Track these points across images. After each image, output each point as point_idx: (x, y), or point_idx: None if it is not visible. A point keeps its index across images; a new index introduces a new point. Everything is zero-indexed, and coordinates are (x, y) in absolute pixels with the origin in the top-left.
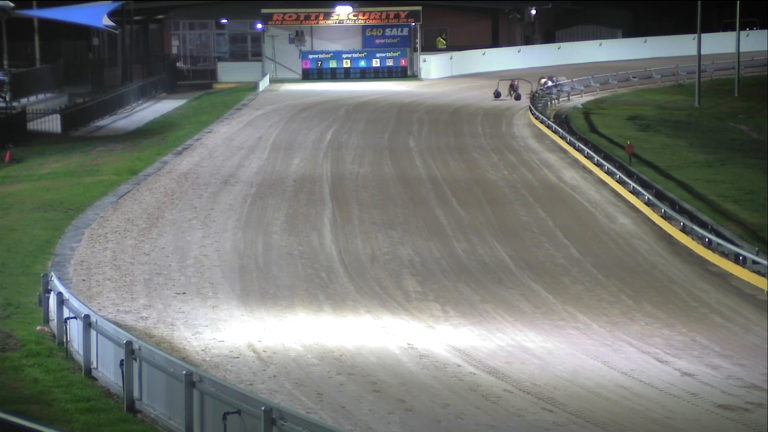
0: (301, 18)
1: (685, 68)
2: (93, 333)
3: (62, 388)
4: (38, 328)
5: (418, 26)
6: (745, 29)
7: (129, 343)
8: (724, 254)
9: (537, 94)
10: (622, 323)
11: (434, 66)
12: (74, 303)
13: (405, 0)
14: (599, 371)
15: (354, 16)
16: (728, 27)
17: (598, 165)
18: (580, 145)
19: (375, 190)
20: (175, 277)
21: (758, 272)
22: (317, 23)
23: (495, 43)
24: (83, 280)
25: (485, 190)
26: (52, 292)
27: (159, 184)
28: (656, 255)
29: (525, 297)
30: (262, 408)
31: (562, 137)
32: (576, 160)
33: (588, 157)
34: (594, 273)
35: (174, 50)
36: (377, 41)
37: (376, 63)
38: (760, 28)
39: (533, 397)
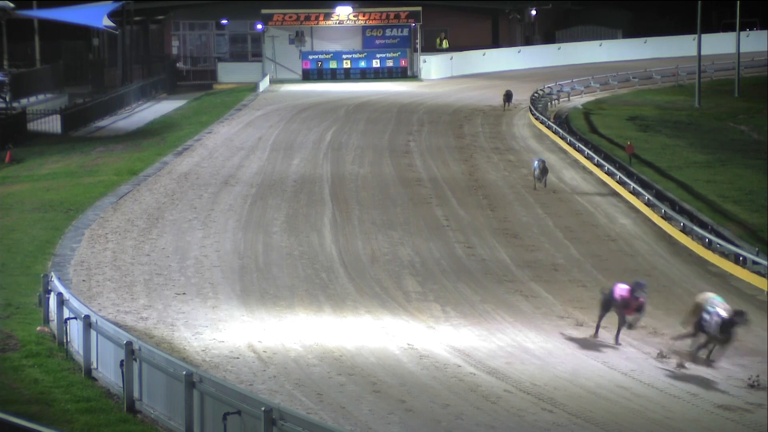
0: (301, 18)
1: (685, 69)
2: (93, 333)
3: (62, 389)
4: (38, 328)
5: (418, 27)
6: (745, 29)
7: (129, 344)
8: (724, 254)
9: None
10: None
11: (434, 66)
12: (74, 303)
13: (405, 0)
14: (599, 371)
15: (354, 16)
16: (728, 27)
17: (599, 165)
18: (581, 145)
19: (375, 190)
20: (175, 277)
21: (758, 272)
22: (317, 24)
23: (495, 43)
24: (83, 280)
25: (485, 190)
26: (52, 293)
27: (159, 184)
28: (656, 255)
29: (525, 297)
30: (262, 408)
31: (563, 138)
32: (576, 161)
33: (588, 157)
34: (594, 273)
35: (174, 51)
36: (377, 42)
37: (376, 63)
38: (760, 29)
39: (533, 398)
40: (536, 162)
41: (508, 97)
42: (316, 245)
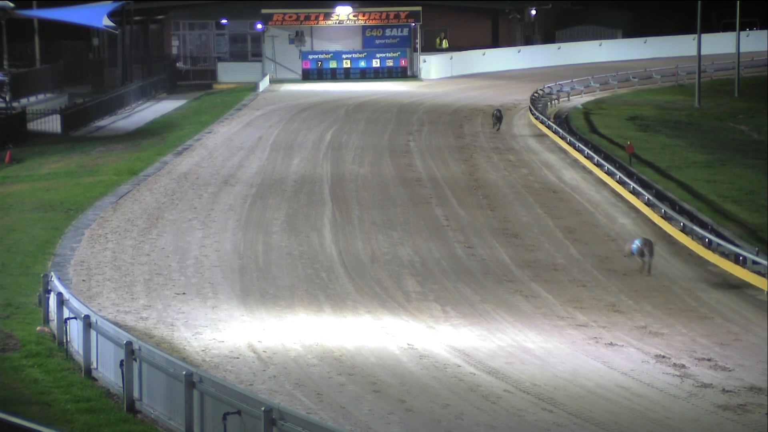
0: (301, 18)
1: (685, 68)
2: (93, 333)
3: (62, 389)
4: (38, 328)
5: (418, 26)
6: (745, 29)
7: (129, 344)
8: (724, 254)
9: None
10: (622, 323)
11: (434, 66)
12: (74, 303)
13: (405, 0)
14: (599, 371)
15: (354, 16)
16: (728, 27)
17: (598, 165)
18: (580, 145)
19: (375, 190)
20: (175, 277)
21: (758, 272)
22: (317, 23)
23: (495, 43)
24: (83, 280)
25: (485, 190)
26: (52, 293)
27: (159, 184)
28: (656, 255)
29: (525, 297)
30: (262, 408)
31: (562, 137)
32: (576, 161)
33: (588, 157)
34: (594, 273)
35: (174, 50)
36: (377, 41)
37: (376, 63)
38: (760, 28)
39: (533, 398)
40: (637, 242)
41: (498, 117)
42: (316, 245)
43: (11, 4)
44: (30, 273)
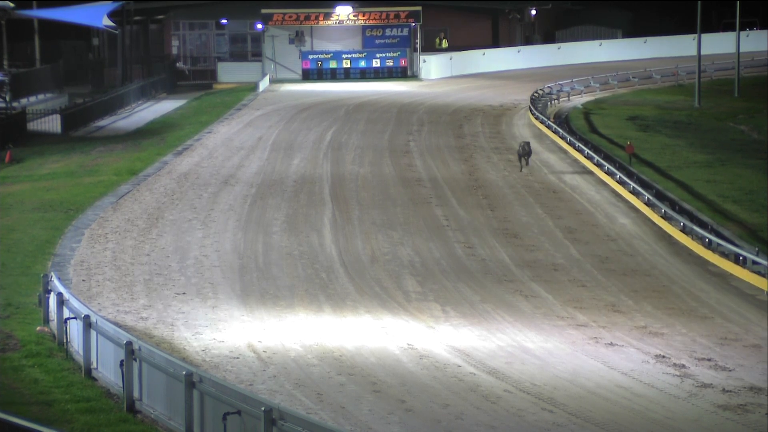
0: (301, 18)
1: (685, 68)
2: (93, 333)
3: (62, 389)
4: (38, 328)
5: (418, 26)
6: (745, 29)
7: (129, 344)
8: (724, 254)
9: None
10: (622, 323)
11: (434, 66)
12: (74, 303)
13: (405, 0)
14: (599, 371)
15: (354, 16)
16: (728, 27)
17: (598, 165)
18: (580, 145)
19: (375, 190)
20: (175, 277)
21: (758, 272)
22: (317, 23)
23: (495, 43)
24: (83, 280)
25: (485, 190)
26: (52, 293)
27: (159, 184)
28: (656, 255)
29: (525, 297)
30: (262, 408)
31: (562, 137)
32: (576, 161)
33: (588, 157)
34: (594, 273)
35: (174, 50)
36: (377, 41)
37: (376, 63)
38: (760, 28)
39: (533, 398)
40: None
41: (525, 152)
42: (316, 245)
43: (11, 4)
44: (30, 273)
